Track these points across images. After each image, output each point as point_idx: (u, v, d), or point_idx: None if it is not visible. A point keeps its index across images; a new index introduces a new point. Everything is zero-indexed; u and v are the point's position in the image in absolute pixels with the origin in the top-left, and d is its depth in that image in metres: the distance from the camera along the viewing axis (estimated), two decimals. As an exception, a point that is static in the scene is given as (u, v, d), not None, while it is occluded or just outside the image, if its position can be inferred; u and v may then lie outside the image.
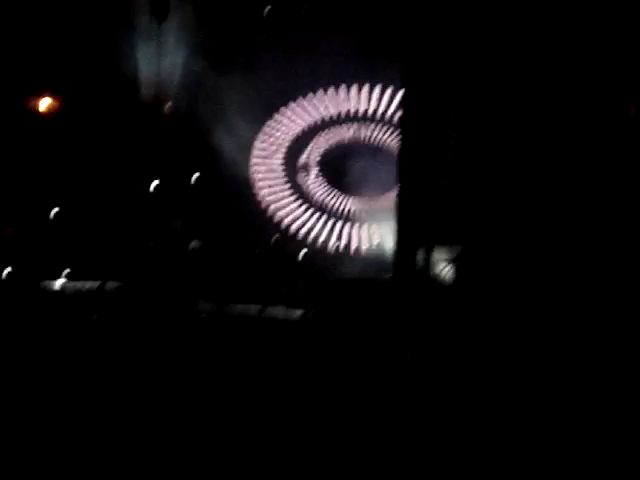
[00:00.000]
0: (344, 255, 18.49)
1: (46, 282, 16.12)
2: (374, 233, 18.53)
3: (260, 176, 19.47)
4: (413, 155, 15.09)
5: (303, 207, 19.24)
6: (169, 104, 18.50)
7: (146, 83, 18.17)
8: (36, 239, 16.88)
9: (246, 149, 19.22)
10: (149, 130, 18.23)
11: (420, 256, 14.78)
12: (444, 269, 14.56)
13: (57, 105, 17.88)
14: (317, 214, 19.05)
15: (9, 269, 15.88)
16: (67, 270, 16.57)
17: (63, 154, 17.71)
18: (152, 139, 18.26)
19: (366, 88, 18.81)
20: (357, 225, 18.74)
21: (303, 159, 19.39)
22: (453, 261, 14.52)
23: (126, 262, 16.73)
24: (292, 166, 19.60)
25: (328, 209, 19.04)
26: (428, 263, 14.66)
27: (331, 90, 19.08)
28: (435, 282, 14.59)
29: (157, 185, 18.06)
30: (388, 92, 18.62)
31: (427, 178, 14.92)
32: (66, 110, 17.88)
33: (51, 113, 17.86)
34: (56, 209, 17.32)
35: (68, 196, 17.58)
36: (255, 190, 19.37)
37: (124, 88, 17.99)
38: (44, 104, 17.77)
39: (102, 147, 17.77)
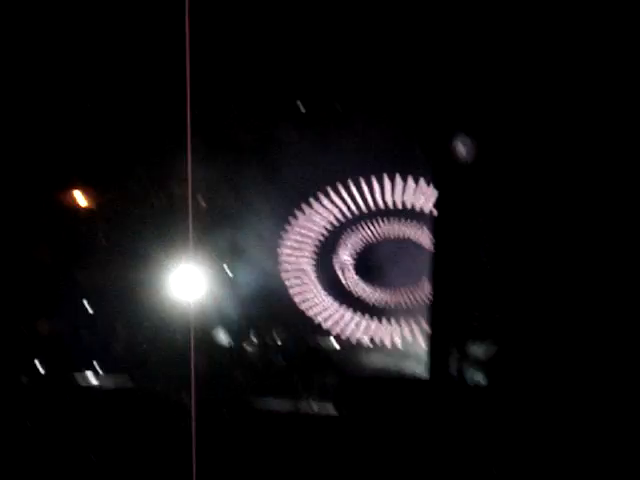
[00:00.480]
0: (376, 351, 18.34)
1: (79, 375, 16.04)
2: (406, 329, 18.40)
3: (289, 271, 19.46)
4: (447, 249, 15.00)
5: (334, 301, 19.17)
6: (201, 200, 18.64)
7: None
8: (70, 332, 16.87)
9: (274, 244, 19.27)
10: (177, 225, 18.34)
11: (454, 354, 14.59)
12: (479, 369, 14.36)
13: (97, 200, 18.06)
14: (348, 308, 18.96)
15: (41, 363, 15.81)
16: (98, 363, 16.48)
17: (98, 248, 17.82)
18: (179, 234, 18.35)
19: (398, 180, 18.83)
20: (389, 320, 18.62)
21: (339, 257, 19.38)
22: (488, 361, 14.32)
23: (159, 356, 16.65)
24: (322, 260, 19.58)
25: (359, 303, 18.96)
26: (462, 362, 14.46)
27: (360, 182, 19.13)
28: (470, 382, 14.38)
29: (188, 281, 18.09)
30: (420, 184, 18.64)
31: (461, 273, 14.79)
32: (104, 205, 18.06)
33: (89, 207, 18.03)
34: (88, 303, 17.32)
35: (103, 290, 17.61)
36: (285, 285, 19.34)
37: (156, 179, 18.16)
38: (83, 197, 17.96)
39: (134, 241, 17.86)
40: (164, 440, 13.13)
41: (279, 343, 18.00)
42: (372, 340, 18.53)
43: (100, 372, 16.49)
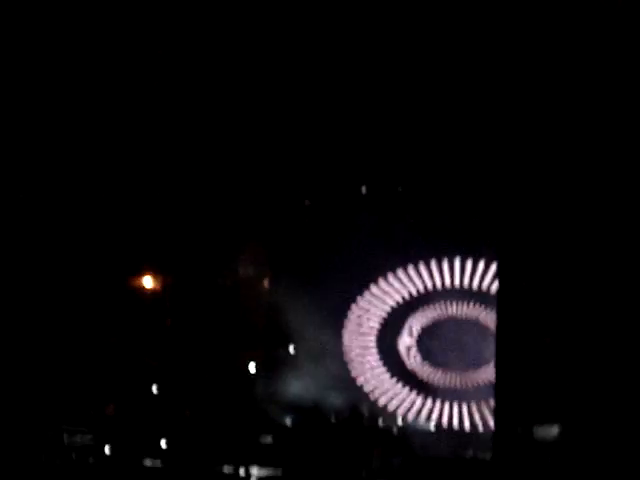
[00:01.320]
0: (440, 431, 18.21)
1: (145, 459, 16.11)
2: (470, 410, 18.28)
3: (352, 351, 19.50)
4: (510, 329, 14.94)
5: (397, 382, 19.14)
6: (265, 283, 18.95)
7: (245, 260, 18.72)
8: (136, 416, 16.99)
9: (339, 323, 19.36)
10: (249, 307, 18.58)
11: (519, 434, 14.42)
12: (545, 449, 14.16)
13: (161, 284, 18.35)
14: (411, 390, 18.91)
15: (109, 446, 15.94)
16: (164, 446, 16.55)
17: (165, 333, 18.08)
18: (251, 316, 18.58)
19: (461, 262, 18.92)
20: (452, 402, 18.52)
21: (404, 338, 19.39)
22: (555, 441, 14.12)
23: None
24: (385, 341, 19.62)
25: (423, 385, 18.90)
26: (528, 442, 14.28)
27: (422, 265, 19.26)
28: (536, 463, 14.18)
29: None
30: (481, 266, 18.71)
31: (525, 353, 14.70)
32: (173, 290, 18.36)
33: (155, 292, 18.32)
34: (155, 386, 17.49)
35: (169, 373, 17.80)
36: (348, 364, 19.37)
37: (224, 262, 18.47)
38: (148, 282, 18.26)
39: (202, 326, 18.12)
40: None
41: (340, 422, 17.99)
42: (436, 421, 18.42)
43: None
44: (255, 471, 15.83)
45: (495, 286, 16.56)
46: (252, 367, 18.52)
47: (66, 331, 16.87)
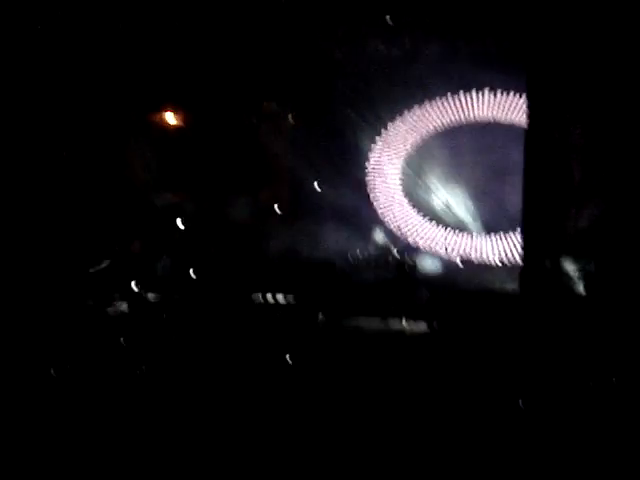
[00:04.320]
0: (468, 265, 18.20)
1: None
2: (498, 243, 18.20)
3: (377, 187, 19.30)
4: (539, 165, 14.70)
5: (423, 218, 18.98)
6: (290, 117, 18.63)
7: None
8: (163, 252, 17.08)
9: (363, 161, 19.11)
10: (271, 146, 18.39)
11: (547, 266, 14.38)
12: (573, 281, 14.14)
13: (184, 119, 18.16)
14: (439, 224, 18.77)
15: (135, 283, 16.07)
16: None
17: (191, 168, 17.94)
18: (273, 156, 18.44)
19: (487, 94, 18.39)
20: (480, 235, 18.39)
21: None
22: (583, 272, 14.09)
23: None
24: (410, 174, 19.30)
25: (450, 219, 18.72)
26: (556, 274, 14.25)
27: (449, 97, 18.73)
28: (563, 294, 14.18)
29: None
30: (511, 98, 18.18)
31: (554, 187, 14.52)
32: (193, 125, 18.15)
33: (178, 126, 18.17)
34: (180, 220, 17.46)
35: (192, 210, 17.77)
36: (372, 201, 19.21)
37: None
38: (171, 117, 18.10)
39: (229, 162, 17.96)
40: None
41: (370, 260, 17.99)
42: (463, 255, 18.37)
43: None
44: (280, 297, 16.09)
45: (523, 116, 16.05)
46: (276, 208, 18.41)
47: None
